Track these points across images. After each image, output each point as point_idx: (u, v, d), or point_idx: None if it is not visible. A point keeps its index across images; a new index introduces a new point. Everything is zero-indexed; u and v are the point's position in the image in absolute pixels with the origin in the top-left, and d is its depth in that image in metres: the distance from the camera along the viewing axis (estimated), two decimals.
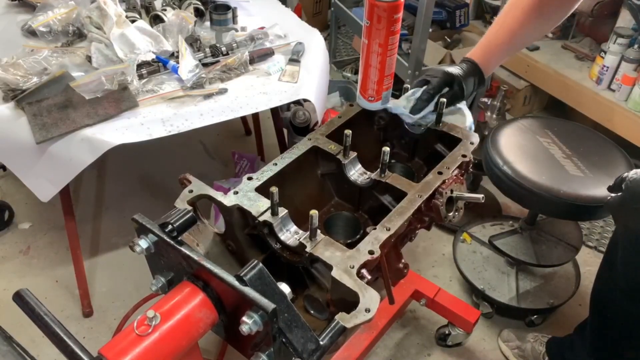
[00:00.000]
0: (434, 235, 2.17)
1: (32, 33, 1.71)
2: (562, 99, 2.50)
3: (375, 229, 0.92)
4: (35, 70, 1.50)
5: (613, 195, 1.10)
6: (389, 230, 0.92)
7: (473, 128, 1.20)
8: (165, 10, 1.76)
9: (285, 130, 2.20)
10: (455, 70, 1.18)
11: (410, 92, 1.18)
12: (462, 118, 1.20)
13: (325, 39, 1.93)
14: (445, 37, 2.76)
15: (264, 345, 0.77)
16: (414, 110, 1.15)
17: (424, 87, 1.16)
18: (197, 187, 0.97)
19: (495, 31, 1.22)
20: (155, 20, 1.75)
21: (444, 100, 1.14)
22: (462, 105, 1.22)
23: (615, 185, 1.09)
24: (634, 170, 1.08)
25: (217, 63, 1.60)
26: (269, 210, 0.93)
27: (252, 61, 1.64)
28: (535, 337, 1.71)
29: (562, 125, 1.80)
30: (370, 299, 0.79)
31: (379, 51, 1.09)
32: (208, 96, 1.51)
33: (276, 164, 1.06)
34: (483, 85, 1.24)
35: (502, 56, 1.24)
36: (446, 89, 1.16)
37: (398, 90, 1.21)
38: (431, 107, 1.16)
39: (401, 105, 1.16)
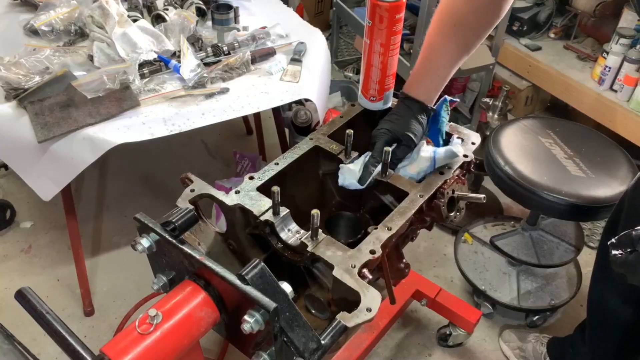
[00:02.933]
0: (435, 236, 2.17)
1: (34, 32, 1.71)
2: (564, 99, 2.50)
3: (376, 228, 0.92)
4: (37, 69, 1.51)
5: (621, 252, 0.98)
6: (390, 230, 0.92)
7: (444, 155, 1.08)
8: (167, 9, 1.76)
9: (286, 130, 2.20)
10: (393, 123, 1.10)
11: (362, 157, 1.11)
12: (420, 165, 1.09)
13: (326, 39, 1.93)
14: None
15: (265, 344, 0.77)
16: (362, 180, 1.06)
17: (369, 156, 1.09)
18: (199, 186, 0.97)
19: (419, 57, 1.12)
20: (157, 19, 1.75)
21: (389, 149, 1.06)
22: (423, 148, 1.11)
23: (622, 242, 0.97)
24: None
25: (219, 62, 1.60)
26: (271, 210, 0.93)
27: (253, 61, 1.64)
28: (537, 338, 1.70)
29: (564, 125, 1.80)
30: (371, 298, 0.79)
31: (381, 51, 1.09)
32: (210, 95, 1.51)
33: (277, 164, 1.06)
34: (432, 112, 1.14)
35: (433, 79, 1.11)
36: (393, 146, 1.08)
37: (399, 90, 1.21)
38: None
39: (352, 176, 1.08)
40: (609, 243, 0.98)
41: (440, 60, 1.10)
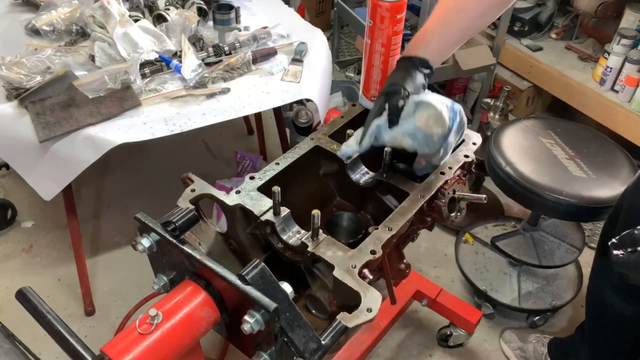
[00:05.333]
0: (436, 236, 2.17)
1: (35, 32, 1.71)
2: (565, 99, 2.50)
3: (377, 229, 0.92)
4: (38, 69, 1.51)
5: (623, 252, 0.96)
6: (391, 230, 0.92)
7: (454, 119, 0.99)
8: (168, 9, 1.76)
9: (287, 130, 2.20)
10: (388, 82, 1.02)
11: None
12: (428, 111, 0.97)
13: (328, 39, 1.93)
14: None
15: (265, 345, 0.77)
16: (362, 140, 1.01)
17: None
18: (200, 186, 0.97)
19: (429, 19, 1.04)
20: (159, 19, 1.75)
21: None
22: (422, 95, 1.00)
23: (624, 242, 0.96)
24: None
25: (220, 62, 1.60)
26: (271, 210, 0.93)
27: (254, 61, 1.64)
28: (537, 338, 1.70)
29: (565, 126, 1.80)
30: (372, 299, 0.79)
31: (382, 51, 1.09)
32: (211, 95, 1.51)
33: (278, 164, 1.06)
34: (431, 75, 1.03)
35: (443, 36, 1.03)
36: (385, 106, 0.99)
37: None
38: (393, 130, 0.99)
39: (351, 145, 1.04)
40: (609, 243, 0.96)
41: (459, 19, 1.02)
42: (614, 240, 0.97)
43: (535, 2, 2.63)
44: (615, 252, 0.96)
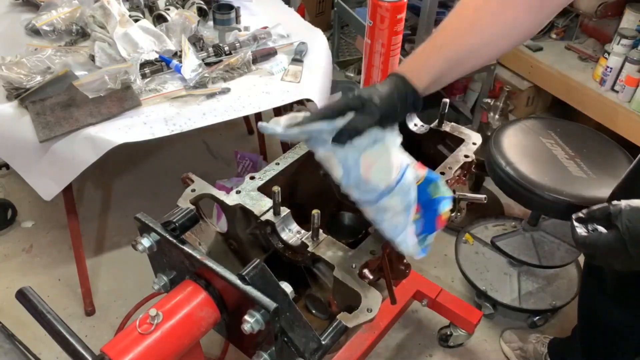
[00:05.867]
0: (436, 236, 2.16)
1: (35, 32, 1.71)
2: (565, 100, 2.49)
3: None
4: (38, 69, 1.51)
5: (590, 230, 0.80)
6: None
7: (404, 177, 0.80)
8: (168, 9, 1.76)
9: None
10: (368, 92, 0.79)
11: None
12: (380, 155, 0.79)
13: (328, 39, 1.93)
14: None
15: (265, 345, 0.77)
16: (289, 130, 0.77)
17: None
18: (200, 186, 0.97)
19: (438, 34, 0.85)
20: (159, 19, 1.75)
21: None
22: (389, 134, 0.80)
23: (596, 217, 0.80)
24: (625, 202, 0.78)
25: (220, 62, 1.60)
26: (271, 210, 0.93)
27: (254, 61, 1.64)
28: (537, 338, 1.70)
29: (565, 126, 1.79)
30: (372, 298, 0.79)
31: (382, 51, 1.10)
32: (211, 95, 1.51)
33: (278, 164, 1.06)
34: (418, 105, 0.83)
35: (443, 65, 0.83)
36: (350, 113, 0.77)
37: None
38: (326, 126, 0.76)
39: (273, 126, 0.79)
40: (572, 216, 0.81)
41: (446, 36, 0.84)
42: (580, 214, 0.81)
43: None
44: (579, 229, 0.80)
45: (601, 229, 0.80)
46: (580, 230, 0.80)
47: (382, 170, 0.78)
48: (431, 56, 0.83)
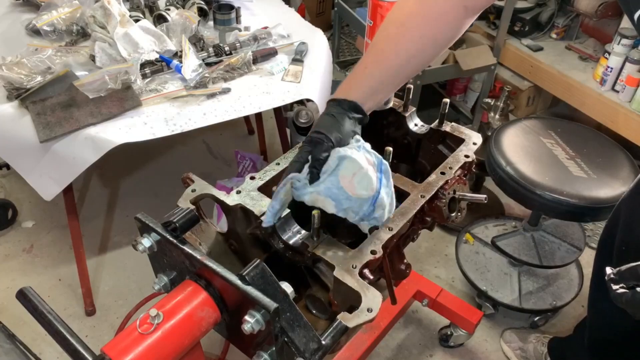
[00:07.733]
0: (436, 236, 2.17)
1: (36, 32, 1.71)
2: (565, 99, 2.49)
3: (377, 229, 0.92)
4: (39, 69, 1.51)
5: (623, 288, 0.84)
6: (392, 230, 0.92)
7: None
8: (168, 9, 1.76)
9: (288, 130, 2.20)
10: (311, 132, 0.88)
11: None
12: (353, 169, 0.83)
13: (328, 39, 1.93)
14: None
15: (266, 345, 0.77)
16: (276, 212, 0.87)
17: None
18: (200, 186, 0.97)
19: (367, 56, 0.95)
20: (159, 19, 1.75)
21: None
22: (346, 151, 0.85)
23: (624, 277, 0.85)
24: None
25: (221, 63, 1.60)
26: None
27: (255, 61, 1.64)
28: (538, 338, 1.70)
29: (566, 126, 1.80)
30: (372, 299, 0.79)
31: None
32: (211, 96, 1.51)
33: (279, 164, 1.06)
34: (364, 120, 0.93)
35: (376, 77, 0.93)
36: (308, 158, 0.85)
37: (401, 90, 1.21)
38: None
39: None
40: (606, 278, 0.86)
41: (368, 58, 0.94)
42: (611, 274, 0.86)
43: (535, 2, 2.62)
44: (614, 287, 0.85)
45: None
46: (616, 287, 0.85)
47: (362, 178, 0.83)
48: (361, 78, 0.92)
